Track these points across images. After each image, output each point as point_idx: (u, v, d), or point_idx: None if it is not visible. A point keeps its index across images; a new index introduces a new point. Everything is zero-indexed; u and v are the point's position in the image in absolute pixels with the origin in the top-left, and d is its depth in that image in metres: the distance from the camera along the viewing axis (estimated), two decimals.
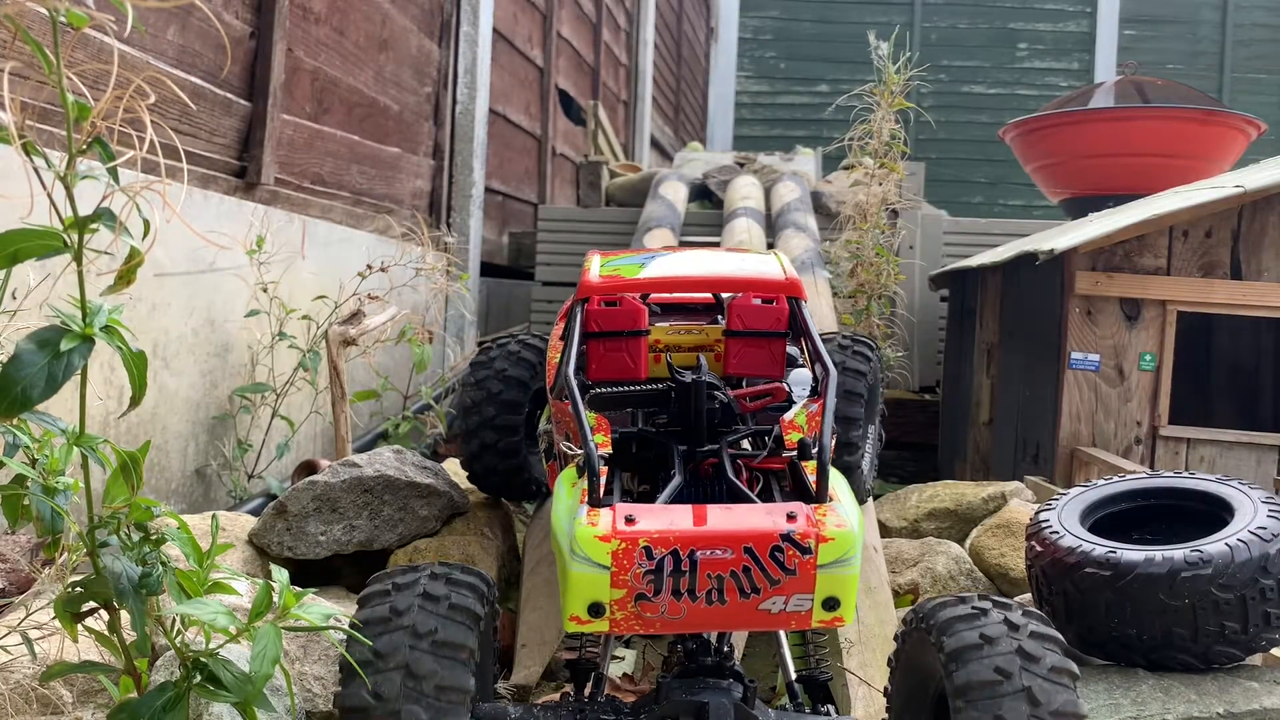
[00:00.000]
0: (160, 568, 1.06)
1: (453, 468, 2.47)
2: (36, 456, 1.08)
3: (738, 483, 1.27)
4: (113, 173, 0.93)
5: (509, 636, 1.97)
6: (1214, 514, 1.67)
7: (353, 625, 1.15)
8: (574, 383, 1.33)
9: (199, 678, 1.06)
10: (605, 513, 1.14)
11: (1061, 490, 1.91)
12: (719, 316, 1.53)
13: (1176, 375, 2.72)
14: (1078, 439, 2.68)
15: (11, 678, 1.26)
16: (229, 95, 2.51)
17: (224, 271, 2.38)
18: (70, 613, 1.07)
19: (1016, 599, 2.09)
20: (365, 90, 3.28)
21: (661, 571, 1.11)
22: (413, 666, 1.13)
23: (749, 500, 1.23)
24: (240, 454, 2.44)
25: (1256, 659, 1.66)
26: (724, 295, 1.61)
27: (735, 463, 1.33)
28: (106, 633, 1.09)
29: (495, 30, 4.59)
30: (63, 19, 0.91)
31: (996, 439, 3.21)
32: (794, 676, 1.43)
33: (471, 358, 1.97)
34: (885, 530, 2.46)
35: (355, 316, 2.57)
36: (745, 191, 4.29)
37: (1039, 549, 1.70)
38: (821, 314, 3.15)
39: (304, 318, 2.62)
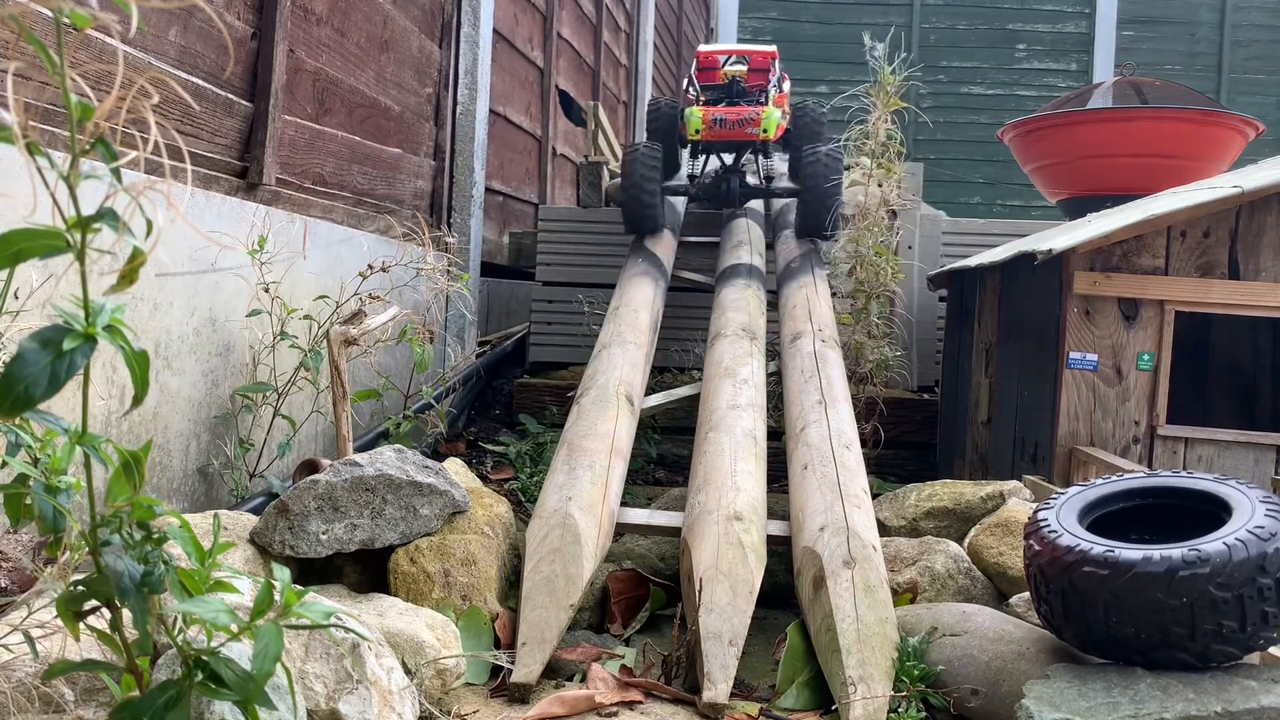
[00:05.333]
0: (162, 566, 1.06)
1: (454, 467, 2.47)
2: (39, 455, 1.09)
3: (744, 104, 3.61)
4: (115, 173, 0.94)
5: (509, 635, 1.98)
6: (1212, 513, 1.68)
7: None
8: (691, 78, 3.72)
9: (201, 676, 1.06)
10: (699, 109, 3.56)
11: (1060, 489, 1.92)
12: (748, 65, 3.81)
13: (1174, 375, 2.73)
14: (1076, 438, 2.69)
15: (14, 676, 1.26)
16: (231, 96, 2.52)
17: (226, 271, 2.38)
18: (72, 611, 1.07)
19: (1015, 598, 2.10)
20: (366, 91, 3.29)
21: (715, 121, 3.52)
22: (637, 183, 3.56)
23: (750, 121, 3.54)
24: (242, 453, 2.44)
25: (1254, 658, 1.66)
26: (751, 56, 3.80)
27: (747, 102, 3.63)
28: (108, 631, 1.09)
29: (496, 31, 4.59)
30: (66, 20, 0.91)
31: (995, 438, 3.21)
32: (768, 185, 3.88)
33: (649, 111, 4.03)
34: (884, 529, 2.47)
35: (356, 316, 2.58)
36: None
37: (1037, 548, 1.70)
38: (820, 312, 3.15)
39: (305, 317, 2.63)
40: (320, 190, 3.01)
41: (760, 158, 3.91)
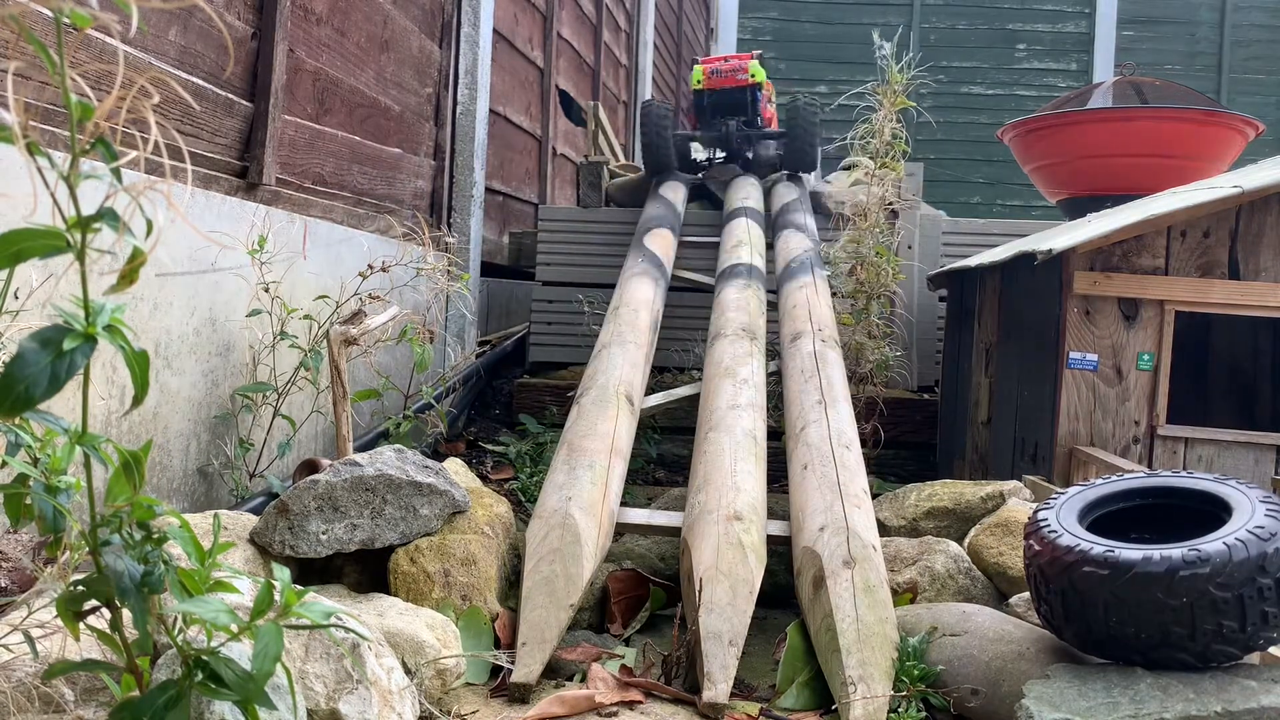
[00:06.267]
0: (162, 566, 1.06)
1: (454, 467, 2.47)
2: (39, 455, 1.09)
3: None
4: (115, 173, 0.94)
5: (509, 635, 1.98)
6: (1212, 513, 1.68)
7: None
8: (693, 61, 5.36)
9: (200, 676, 1.06)
10: (700, 65, 4.62)
11: (1060, 489, 1.92)
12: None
13: (1174, 375, 2.72)
14: (1076, 438, 2.69)
15: (14, 676, 1.26)
16: (231, 96, 2.52)
17: (226, 271, 2.38)
18: (72, 611, 1.07)
19: (1015, 598, 2.10)
20: (366, 91, 3.29)
21: (713, 71, 4.53)
22: (653, 127, 4.42)
23: (739, 69, 4.61)
24: (242, 453, 2.44)
25: (1254, 658, 1.66)
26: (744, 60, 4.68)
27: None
28: (108, 631, 1.09)
29: (496, 31, 4.59)
30: (66, 20, 0.91)
31: (995, 438, 3.21)
32: (760, 130, 4.69)
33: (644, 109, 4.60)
34: (884, 529, 2.47)
35: (356, 316, 2.58)
36: (745, 192, 4.29)
37: (1037, 548, 1.70)
38: (820, 312, 3.15)
39: (305, 317, 2.63)
40: (320, 190, 3.01)
41: (750, 102, 4.71)
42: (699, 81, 4.55)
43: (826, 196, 4.36)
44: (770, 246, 3.95)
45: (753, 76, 4.47)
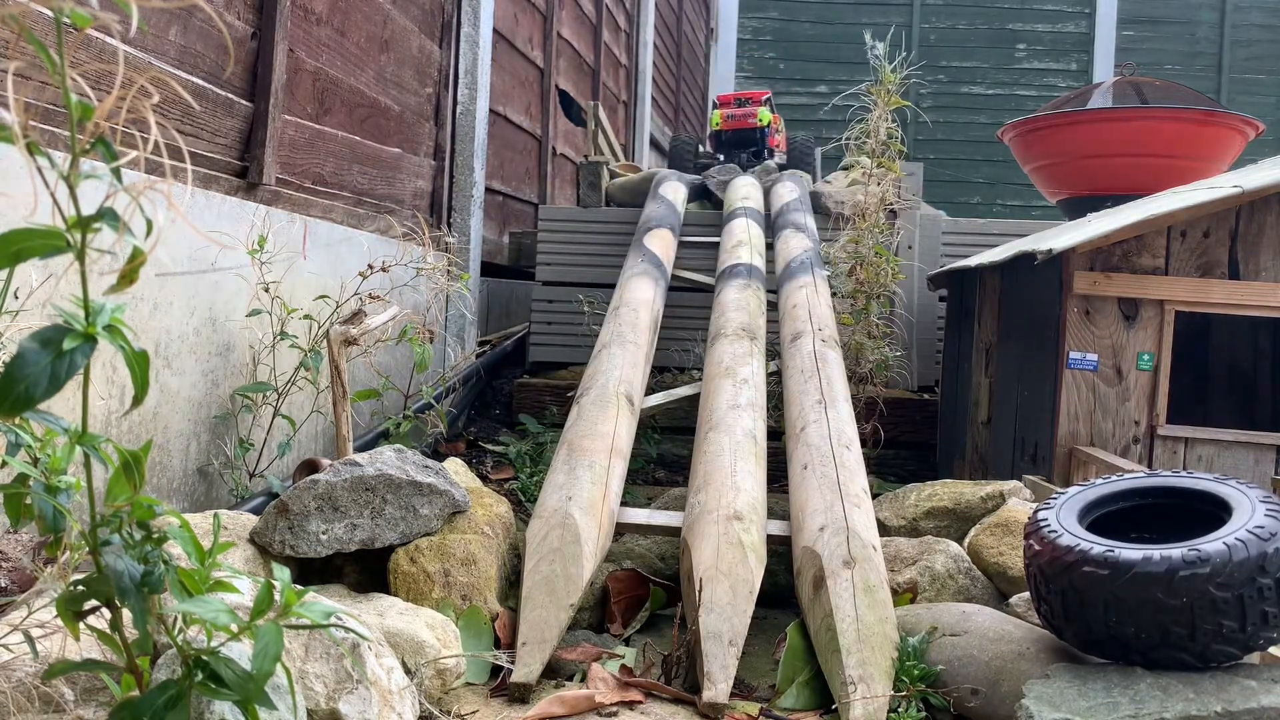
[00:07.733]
0: (162, 566, 1.06)
1: (454, 467, 2.47)
2: (39, 455, 1.09)
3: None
4: (115, 173, 0.94)
5: (509, 635, 1.98)
6: (1212, 513, 1.68)
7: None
8: (714, 102, 5.57)
9: (200, 676, 1.06)
10: (718, 111, 5.42)
11: (1060, 489, 1.92)
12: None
13: (1174, 375, 2.72)
14: (1076, 438, 2.69)
15: (14, 676, 1.26)
16: (231, 96, 2.52)
17: (226, 271, 2.38)
18: (72, 611, 1.07)
19: (1015, 598, 2.10)
20: (366, 91, 3.29)
21: (729, 116, 5.32)
22: (679, 159, 5.43)
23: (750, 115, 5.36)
24: (242, 453, 2.44)
25: (1254, 657, 1.66)
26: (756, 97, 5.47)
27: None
28: (108, 631, 1.09)
29: (496, 31, 4.59)
30: (66, 19, 0.91)
31: (995, 438, 3.21)
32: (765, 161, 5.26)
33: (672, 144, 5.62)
34: (884, 529, 2.47)
35: (356, 316, 2.58)
36: (744, 192, 4.29)
37: (1037, 548, 1.70)
38: (820, 312, 3.15)
39: (305, 317, 2.63)
40: (320, 190, 3.01)
41: (760, 138, 5.46)
42: (717, 124, 5.40)
43: (826, 196, 4.36)
44: (770, 246, 3.96)
45: (760, 120, 5.31)
